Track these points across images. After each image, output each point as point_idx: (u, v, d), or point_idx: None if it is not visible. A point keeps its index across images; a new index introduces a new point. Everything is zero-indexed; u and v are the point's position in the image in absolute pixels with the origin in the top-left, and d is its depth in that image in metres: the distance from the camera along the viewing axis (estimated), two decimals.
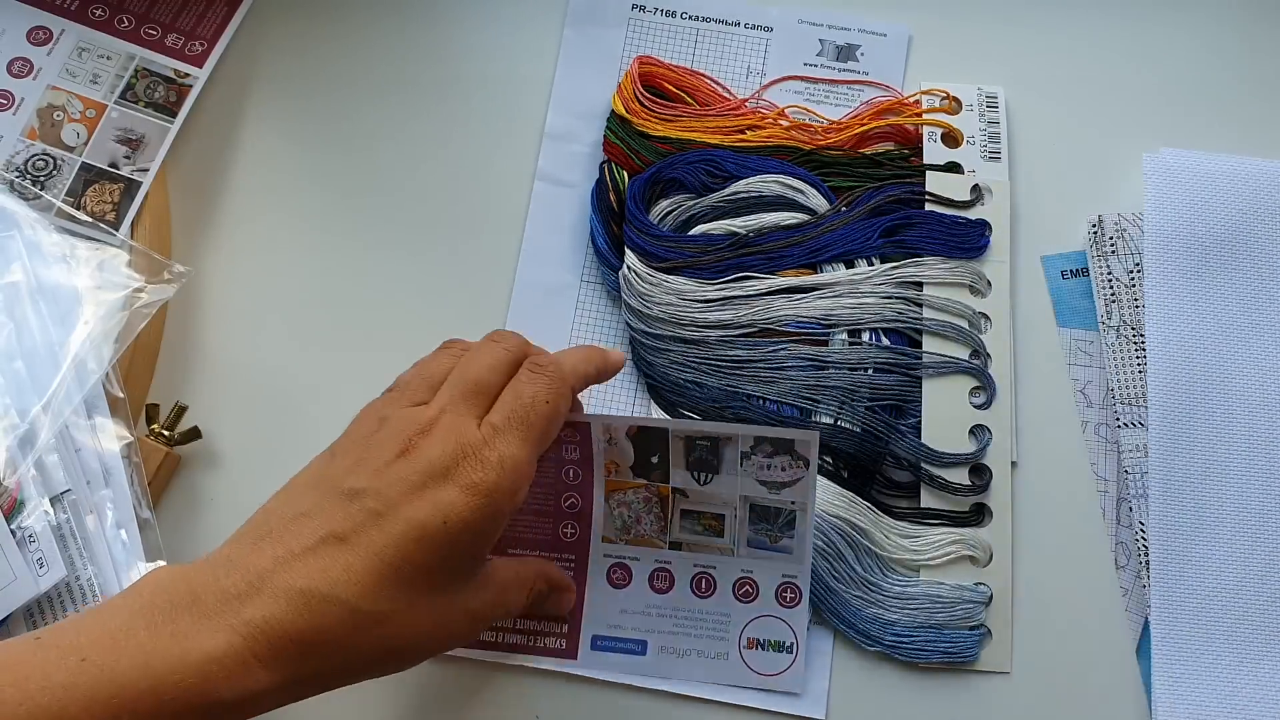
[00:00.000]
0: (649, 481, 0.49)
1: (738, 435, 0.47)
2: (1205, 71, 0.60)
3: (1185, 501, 0.52)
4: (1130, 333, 0.55)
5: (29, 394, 0.50)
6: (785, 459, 0.47)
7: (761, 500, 0.48)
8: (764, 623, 0.50)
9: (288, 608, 0.37)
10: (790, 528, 0.49)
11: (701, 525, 0.49)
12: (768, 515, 0.49)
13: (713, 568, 0.50)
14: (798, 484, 0.47)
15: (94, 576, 0.48)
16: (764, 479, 0.48)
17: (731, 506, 0.49)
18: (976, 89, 0.59)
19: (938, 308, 0.55)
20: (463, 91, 0.60)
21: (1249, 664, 0.50)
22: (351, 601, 0.38)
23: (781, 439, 0.47)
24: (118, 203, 0.56)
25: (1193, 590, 0.51)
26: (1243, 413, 0.53)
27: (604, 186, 0.57)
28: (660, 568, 0.50)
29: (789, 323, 0.55)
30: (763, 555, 0.49)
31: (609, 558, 0.50)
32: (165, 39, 0.60)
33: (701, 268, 0.55)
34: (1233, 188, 0.56)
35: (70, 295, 0.52)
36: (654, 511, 0.49)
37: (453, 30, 0.62)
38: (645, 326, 0.55)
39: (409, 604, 0.39)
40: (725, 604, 0.50)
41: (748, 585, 0.50)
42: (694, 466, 0.48)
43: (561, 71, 0.60)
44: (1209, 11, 0.61)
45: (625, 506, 0.50)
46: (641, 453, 0.48)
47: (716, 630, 0.50)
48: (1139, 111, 0.59)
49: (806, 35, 0.61)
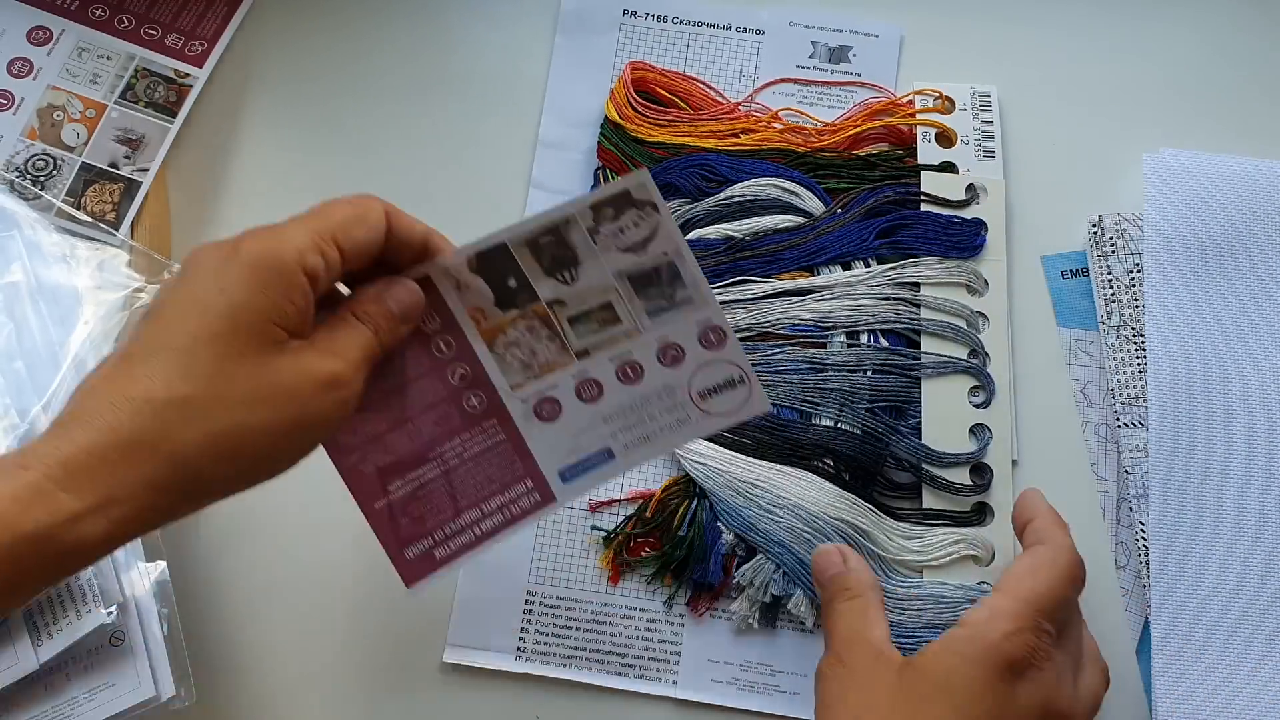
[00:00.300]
0: (520, 310, 0.46)
1: (573, 213, 0.44)
2: (1205, 71, 0.60)
3: (1185, 501, 0.52)
4: (1130, 333, 0.55)
5: (29, 394, 0.50)
6: (633, 214, 0.44)
7: (636, 268, 0.45)
8: (704, 374, 0.47)
9: (86, 429, 0.36)
10: (678, 278, 0.46)
11: (596, 323, 0.46)
12: (651, 279, 0.46)
13: (630, 354, 0.47)
14: (658, 233, 0.45)
15: (94, 576, 0.48)
16: (624, 245, 0.45)
17: (612, 289, 0.46)
18: (970, 88, 0.59)
19: (935, 308, 0.55)
20: (459, 96, 0.60)
21: (1249, 663, 0.50)
22: (146, 395, 0.37)
23: (615, 194, 0.44)
24: (118, 203, 0.56)
25: (1193, 590, 0.51)
26: (1243, 412, 0.53)
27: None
28: (582, 381, 0.47)
29: (787, 326, 0.55)
30: (668, 317, 0.47)
31: (527, 401, 0.47)
32: (165, 39, 0.60)
33: None
34: (1233, 188, 0.56)
35: (70, 295, 0.52)
36: (543, 335, 0.46)
37: (450, 34, 0.62)
38: None
39: (213, 379, 0.37)
40: (660, 377, 0.47)
41: (672, 350, 0.47)
42: (553, 269, 0.45)
43: (554, 79, 0.60)
44: (1209, 11, 0.61)
45: (514, 346, 0.46)
46: (496, 284, 0.45)
47: (666, 403, 0.48)
48: (1139, 111, 0.59)
49: (798, 37, 0.61)
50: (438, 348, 0.46)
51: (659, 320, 0.47)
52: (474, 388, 0.46)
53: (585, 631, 0.52)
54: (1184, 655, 0.50)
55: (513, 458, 0.47)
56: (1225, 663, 0.50)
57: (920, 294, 0.55)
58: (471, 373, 0.46)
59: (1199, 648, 0.50)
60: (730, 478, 0.52)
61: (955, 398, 0.54)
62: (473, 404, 0.46)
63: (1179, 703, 0.50)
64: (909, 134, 0.58)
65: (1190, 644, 0.50)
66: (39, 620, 0.47)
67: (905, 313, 0.55)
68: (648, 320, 0.47)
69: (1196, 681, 0.50)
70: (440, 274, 0.44)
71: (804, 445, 0.53)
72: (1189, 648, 0.50)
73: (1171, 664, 0.50)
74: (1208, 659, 0.50)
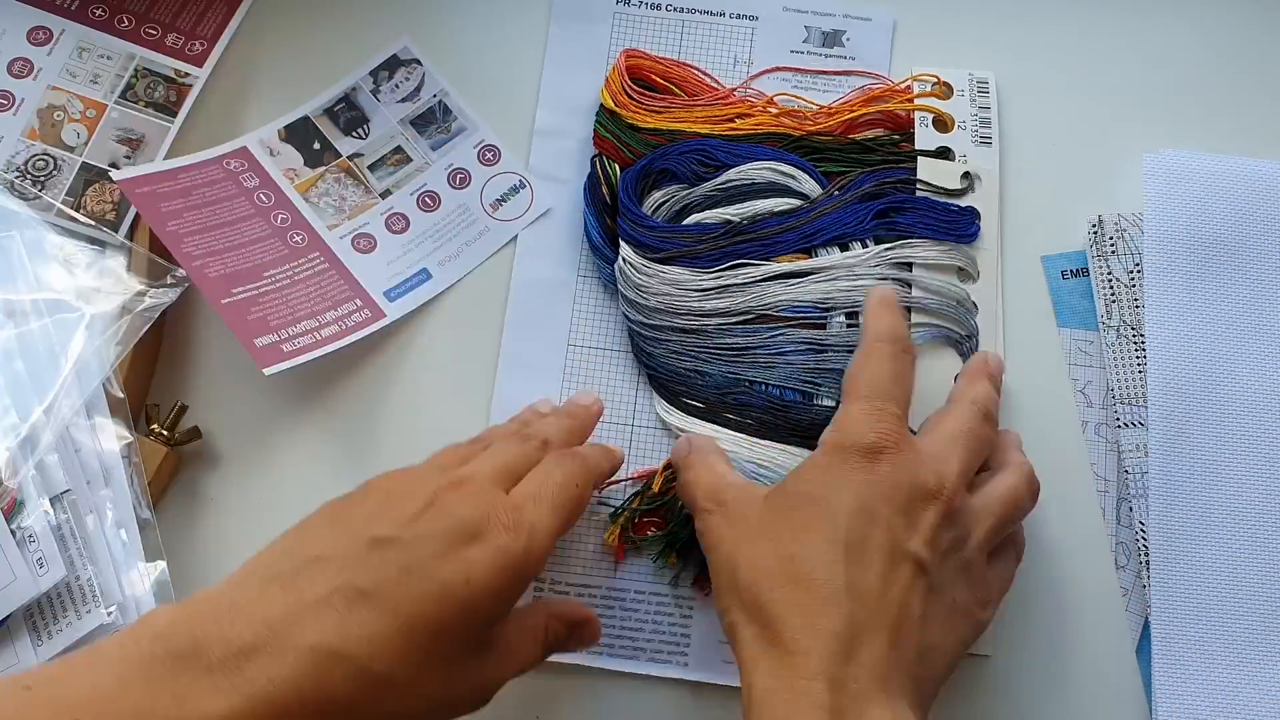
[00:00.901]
0: (325, 166, 0.57)
1: (356, 81, 0.58)
2: (1205, 71, 0.60)
3: (1185, 501, 0.52)
4: (1130, 333, 0.55)
5: (30, 395, 0.50)
6: (402, 72, 0.58)
7: (414, 114, 0.58)
8: (490, 186, 0.58)
9: (295, 666, 0.35)
10: (449, 114, 0.58)
11: (391, 165, 0.58)
12: (428, 118, 0.58)
13: (424, 185, 0.58)
14: (424, 81, 0.58)
15: (94, 576, 0.48)
16: (401, 98, 0.58)
17: (399, 134, 0.58)
18: (967, 74, 0.59)
19: (928, 289, 0.55)
20: (457, 90, 0.60)
21: (1249, 663, 0.50)
22: (363, 661, 0.36)
23: (387, 60, 0.59)
24: (118, 203, 0.56)
25: (1193, 590, 0.51)
26: (1243, 412, 0.53)
27: (596, 180, 0.57)
28: (389, 215, 0.57)
29: (786, 308, 0.55)
30: (449, 146, 0.58)
31: (344, 237, 0.57)
32: (165, 39, 0.60)
33: (697, 257, 0.55)
34: (1233, 188, 0.56)
35: (71, 296, 0.52)
36: (349, 184, 0.57)
37: (449, 32, 0.62)
38: (643, 317, 0.55)
39: (420, 669, 0.37)
40: (455, 199, 0.58)
41: (459, 174, 0.58)
42: (348, 129, 0.58)
43: (549, 68, 0.60)
44: (1209, 10, 0.61)
45: (325, 195, 0.57)
46: (303, 147, 0.58)
47: (465, 219, 0.57)
48: (1138, 111, 0.59)
49: (792, 22, 0.61)
50: (259, 198, 0.57)
51: (442, 151, 0.58)
52: (295, 229, 0.56)
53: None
54: (1184, 655, 0.50)
55: (339, 282, 0.56)
56: (1225, 663, 0.50)
57: (914, 274, 0.55)
58: (291, 217, 0.57)
59: (1199, 648, 0.50)
60: (735, 459, 0.52)
61: (945, 381, 0.53)
62: (296, 240, 0.56)
63: (1179, 703, 0.50)
64: (905, 119, 0.58)
65: (1190, 644, 0.50)
66: (39, 620, 0.47)
67: (901, 292, 0.55)
68: (433, 154, 0.58)
69: (1196, 681, 0.50)
70: (255, 143, 0.58)
71: (806, 426, 0.53)
72: (1189, 648, 0.50)
73: (1171, 664, 0.50)
74: (1208, 659, 0.50)
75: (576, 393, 0.53)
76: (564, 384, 0.55)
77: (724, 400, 0.54)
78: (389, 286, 0.56)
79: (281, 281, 0.55)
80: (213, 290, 0.53)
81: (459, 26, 0.62)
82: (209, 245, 0.55)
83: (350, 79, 0.59)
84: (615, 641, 0.52)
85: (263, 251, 0.55)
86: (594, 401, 0.51)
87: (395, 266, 0.57)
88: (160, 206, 0.55)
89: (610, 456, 0.49)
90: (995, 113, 0.58)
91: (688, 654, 0.51)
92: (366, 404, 0.55)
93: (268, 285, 0.55)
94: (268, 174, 0.57)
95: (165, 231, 0.54)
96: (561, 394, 0.55)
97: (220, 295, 0.53)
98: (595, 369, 0.56)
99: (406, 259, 0.57)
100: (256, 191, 0.57)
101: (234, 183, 0.57)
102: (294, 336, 0.53)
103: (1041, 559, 0.52)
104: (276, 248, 0.56)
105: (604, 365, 0.56)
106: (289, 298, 0.55)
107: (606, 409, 0.53)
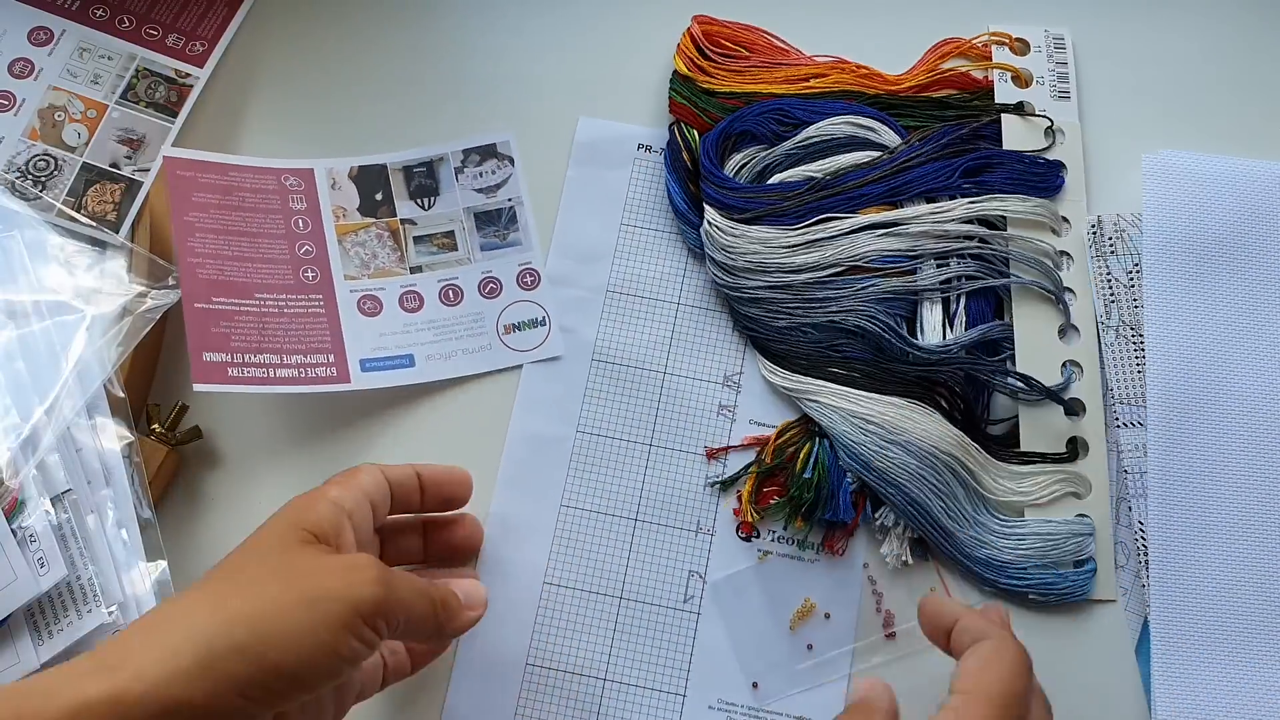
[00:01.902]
0: (376, 219, 0.55)
1: (448, 151, 0.56)
2: (1205, 72, 0.60)
3: (1184, 501, 0.52)
4: (1130, 333, 0.55)
5: (30, 395, 0.50)
6: (493, 163, 0.55)
7: (482, 207, 0.56)
8: (514, 309, 0.55)
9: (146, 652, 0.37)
10: (514, 222, 0.56)
11: (436, 246, 0.56)
12: (491, 219, 0.56)
13: (455, 279, 0.56)
14: (508, 182, 0.56)
15: (95, 576, 0.48)
16: (479, 187, 0.56)
17: (458, 221, 0.56)
18: (1044, 30, 0.60)
19: (1019, 244, 0.55)
20: (460, 92, 0.60)
21: (1248, 663, 0.50)
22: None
23: (485, 145, 0.56)
24: (118, 203, 0.56)
25: (1192, 590, 0.51)
26: (1241, 413, 0.53)
27: (676, 147, 0.58)
28: (407, 291, 0.55)
29: (875, 258, 0.55)
30: (497, 254, 0.56)
31: (355, 292, 0.55)
32: (166, 39, 0.60)
33: (783, 215, 0.56)
34: (1231, 189, 0.56)
35: (72, 296, 0.52)
36: (388, 244, 0.55)
37: (452, 32, 0.62)
38: (733, 279, 0.55)
39: (246, 583, 0.40)
40: (475, 305, 0.55)
41: (491, 283, 0.55)
42: (416, 194, 0.56)
43: (563, 214, 0.58)
44: (1209, 11, 0.61)
45: (360, 246, 0.55)
46: (365, 193, 0.56)
47: (474, 328, 0.55)
48: (1138, 111, 0.59)
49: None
50: (296, 223, 0.55)
51: (489, 254, 0.56)
52: (313, 265, 0.55)
53: None
54: (1183, 655, 0.50)
55: (324, 332, 0.54)
56: (1225, 662, 0.50)
57: (1006, 232, 0.56)
58: (316, 251, 0.55)
59: (1198, 647, 0.50)
60: (844, 414, 0.53)
61: (1045, 332, 0.55)
62: (306, 276, 0.55)
63: (1179, 703, 0.50)
64: (979, 81, 0.59)
65: (1190, 644, 0.50)
66: (40, 620, 0.47)
67: (992, 242, 0.55)
68: (480, 254, 0.56)
69: (1196, 681, 0.50)
70: (323, 171, 0.56)
71: (907, 374, 0.54)
72: (1188, 647, 0.50)
73: (1171, 664, 0.50)
74: (1207, 659, 0.50)
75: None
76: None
77: (826, 355, 0.54)
78: (369, 356, 0.54)
79: (269, 308, 0.54)
80: (191, 289, 0.53)
81: (469, 25, 0.62)
82: (215, 248, 0.54)
83: (443, 147, 0.57)
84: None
85: (268, 274, 0.54)
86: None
87: (385, 340, 0.55)
88: (192, 195, 0.55)
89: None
90: (1073, 68, 0.59)
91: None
92: (367, 404, 0.55)
93: (252, 307, 0.53)
94: (318, 204, 0.56)
95: (181, 219, 0.54)
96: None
97: (196, 298, 0.53)
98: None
99: (399, 338, 0.55)
100: (298, 216, 0.55)
101: (281, 198, 0.56)
102: (246, 365, 0.52)
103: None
104: (283, 275, 0.55)
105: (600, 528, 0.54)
106: (266, 326, 0.53)
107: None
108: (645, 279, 0.57)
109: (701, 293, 0.57)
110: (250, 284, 0.54)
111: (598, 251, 0.57)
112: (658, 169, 0.59)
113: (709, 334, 0.56)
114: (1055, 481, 0.53)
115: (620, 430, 0.55)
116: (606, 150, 0.59)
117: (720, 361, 0.56)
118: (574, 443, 0.54)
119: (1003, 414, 0.55)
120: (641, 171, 0.59)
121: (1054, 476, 0.53)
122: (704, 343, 0.56)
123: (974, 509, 0.52)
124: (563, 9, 0.62)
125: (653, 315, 0.56)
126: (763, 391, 0.55)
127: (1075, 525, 0.52)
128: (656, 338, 0.56)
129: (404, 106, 0.60)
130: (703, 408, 0.55)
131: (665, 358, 0.56)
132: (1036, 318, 0.55)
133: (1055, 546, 0.51)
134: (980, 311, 0.55)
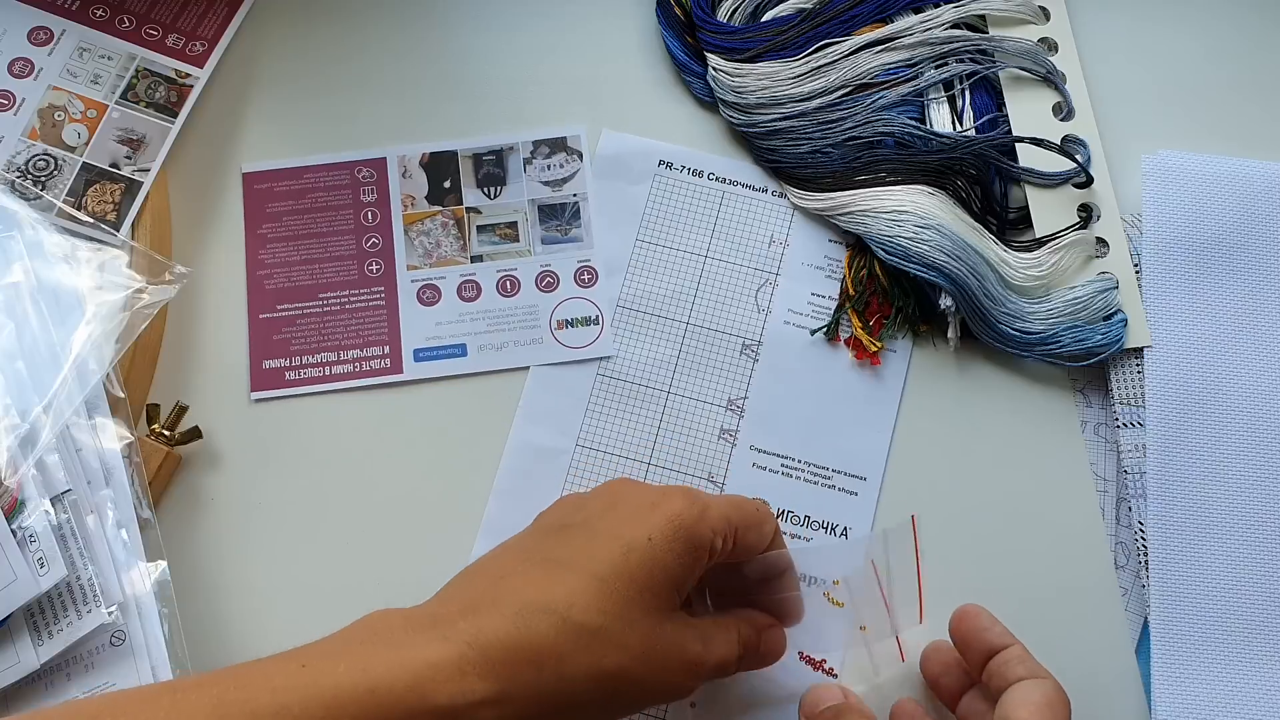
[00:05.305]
0: (443, 207, 0.56)
1: (519, 143, 0.56)
2: (1204, 72, 0.60)
3: (1184, 501, 0.52)
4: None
5: (30, 394, 0.50)
6: (561, 156, 0.56)
7: (547, 200, 0.56)
8: (569, 305, 0.55)
9: (502, 620, 0.39)
10: (577, 218, 0.56)
11: (498, 235, 0.56)
12: (555, 212, 0.56)
13: (514, 270, 0.56)
14: (575, 177, 0.56)
15: (94, 576, 0.48)
16: (546, 179, 0.56)
17: (522, 213, 0.56)
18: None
19: (1002, 40, 0.58)
20: (462, 93, 0.60)
21: (1248, 663, 0.50)
22: (564, 611, 0.39)
23: (556, 138, 0.56)
24: (118, 203, 0.56)
25: (1192, 590, 0.51)
26: (1241, 413, 0.53)
27: (666, 2, 0.60)
28: (466, 280, 0.56)
29: (879, 72, 0.58)
30: (557, 248, 0.56)
31: (415, 282, 0.56)
32: (166, 39, 0.60)
33: (783, 48, 0.58)
34: (1231, 189, 0.56)
35: (71, 295, 0.52)
36: (452, 233, 0.56)
37: (453, 31, 0.62)
38: (748, 116, 0.58)
39: (618, 620, 0.40)
40: (531, 298, 0.56)
41: (549, 277, 0.56)
42: (484, 183, 0.56)
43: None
44: (1209, 11, 0.61)
45: (425, 235, 0.56)
46: (434, 181, 0.57)
47: (528, 321, 0.55)
48: (1138, 112, 0.59)
49: None
50: (365, 216, 0.56)
51: (549, 248, 0.56)
52: (379, 257, 0.56)
53: None
54: (1183, 655, 0.50)
55: (383, 324, 0.55)
56: (1225, 662, 0.50)
57: (989, 27, 0.59)
58: (382, 243, 0.56)
59: (1198, 647, 0.50)
60: (877, 211, 0.55)
61: (1042, 113, 0.57)
62: (371, 269, 0.55)
63: (1179, 703, 0.50)
64: None
65: (1190, 644, 0.50)
66: (40, 620, 0.47)
67: (982, 39, 0.58)
68: (540, 246, 0.56)
69: (1196, 681, 0.50)
70: (395, 159, 0.57)
71: (930, 160, 0.56)
72: (1188, 647, 0.50)
73: (1171, 664, 0.50)
74: (1207, 659, 0.50)
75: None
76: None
77: (851, 167, 0.57)
78: (422, 346, 0.55)
79: (332, 306, 0.55)
80: (258, 301, 0.55)
81: (469, 25, 0.62)
82: (285, 255, 0.56)
83: (514, 136, 0.58)
84: None
85: (334, 271, 0.56)
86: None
87: (441, 329, 0.55)
88: (266, 206, 0.57)
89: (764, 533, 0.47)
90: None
91: None
92: (367, 405, 0.55)
93: (315, 308, 0.55)
94: (388, 193, 0.57)
95: (254, 233, 0.56)
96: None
97: (262, 309, 0.55)
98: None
99: (454, 327, 0.55)
100: (368, 208, 0.56)
101: (353, 192, 0.57)
102: (304, 366, 0.54)
103: (1041, 558, 0.52)
104: (349, 270, 0.56)
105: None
106: (326, 325, 0.55)
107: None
108: (656, 296, 0.57)
109: (711, 314, 0.56)
110: (316, 285, 0.56)
111: (612, 265, 0.57)
112: (679, 185, 0.58)
113: (716, 356, 0.56)
114: (1068, 244, 0.55)
115: (620, 447, 0.54)
116: (629, 164, 0.59)
117: (725, 385, 0.55)
118: (572, 456, 0.54)
119: (1014, 213, 0.57)
120: (662, 187, 0.58)
121: (1072, 247, 0.55)
122: (710, 365, 0.56)
123: (1004, 290, 0.54)
124: (547, 16, 0.62)
125: (661, 333, 0.56)
126: (766, 417, 0.55)
127: (1099, 282, 0.54)
128: (663, 357, 0.56)
129: (404, 106, 0.60)
130: (704, 430, 0.55)
131: (670, 377, 0.55)
132: (1033, 100, 0.58)
133: (1084, 307, 0.54)
134: (984, 105, 0.58)
